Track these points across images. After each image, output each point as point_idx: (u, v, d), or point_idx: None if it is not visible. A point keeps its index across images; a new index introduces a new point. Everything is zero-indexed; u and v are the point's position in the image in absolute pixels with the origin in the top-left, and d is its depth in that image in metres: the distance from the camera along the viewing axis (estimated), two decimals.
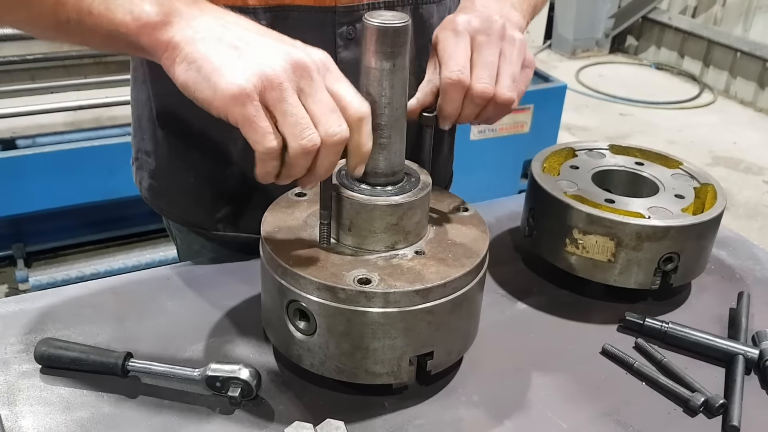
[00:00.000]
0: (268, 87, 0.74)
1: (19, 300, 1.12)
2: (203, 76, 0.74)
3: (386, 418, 0.92)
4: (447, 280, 0.87)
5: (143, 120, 1.25)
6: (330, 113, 0.77)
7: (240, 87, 0.73)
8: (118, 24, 0.77)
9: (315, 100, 0.77)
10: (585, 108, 5.81)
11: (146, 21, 0.76)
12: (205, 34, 0.76)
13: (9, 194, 2.78)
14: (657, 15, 6.89)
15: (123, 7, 0.77)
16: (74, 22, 0.79)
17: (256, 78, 0.73)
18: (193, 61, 0.75)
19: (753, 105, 6.10)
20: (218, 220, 1.25)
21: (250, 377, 0.90)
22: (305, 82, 0.76)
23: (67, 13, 0.79)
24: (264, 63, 0.74)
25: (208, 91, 0.74)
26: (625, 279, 1.11)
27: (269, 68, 0.74)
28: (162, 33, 0.76)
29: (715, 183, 1.20)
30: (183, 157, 1.21)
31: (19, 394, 0.93)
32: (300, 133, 0.75)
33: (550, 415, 0.94)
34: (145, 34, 0.77)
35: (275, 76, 0.74)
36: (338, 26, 1.09)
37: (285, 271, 0.87)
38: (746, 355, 1.03)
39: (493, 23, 0.97)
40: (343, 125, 0.78)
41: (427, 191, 0.93)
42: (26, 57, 3.16)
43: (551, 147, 1.28)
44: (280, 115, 0.75)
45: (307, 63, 0.76)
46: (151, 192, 1.30)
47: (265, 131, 0.74)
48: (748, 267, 1.31)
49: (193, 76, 0.75)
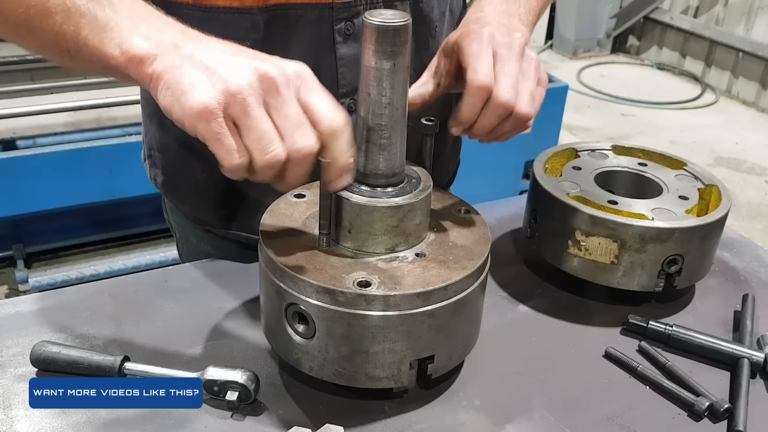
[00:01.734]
0: (231, 102, 0.75)
1: (16, 302, 1.11)
2: (175, 98, 0.77)
3: (386, 422, 0.91)
4: (448, 283, 0.85)
5: (153, 119, 1.26)
6: (296, 127, 0.77)
7: (203, 104, 0.74)
8: (108, 57, 0.81)
9: (281, 113, 0.77)
10: (586, 108, 5.80)
11: (133, 55, 0.79)
12: (182, 61, 0.78)
13: (9, 195, 2.79)
14: (659, 15, 6.88)
15: (114, 41, 0.80)
16: (73, 52, 0.83)
17: (220, 94, 0.75)
18: (169, 86, 0.77)
19: (755, 105, 6.09)
20: (224, 218, 1.26)
21: (248, 381, 0.89)
22: (271, 95, 0.77)
23: (66, 43, 0.83)
24: (229, 79, 0.75)
25: (179, 111, 0.76)
26: (629, 281, 1.10)
27: (233, 84, 0.75)
28: (147, 66, 0.79)
29: (719, 184, 1.19)
30: (189, 156, 1.22)
31: (15, 397, 0.92)
32: (264, 148, 0.76)
33: (553, 419, 0.93)
34: (132, 67, 0.80)
35: (238, 91, 0.75)
36: (336, 22, 1.09)
37: (283, 274, 0.86)
38: (751, 359, 1.01)
39: (514, 40, 0.98)
40: (310, 139, 0.77)
41: (427, 193, 0.91)
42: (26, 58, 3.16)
43: (554, 147, 1.27)
44: (245, 130, 0.76)
45: (273, 76, 0.77)
46: (165, 188, 1.32)
47: (230, 148, 0.75)
48: (753, 269, 1.29)
49: (168, 101, 0.77)
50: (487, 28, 0.99)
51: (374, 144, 0.88)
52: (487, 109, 0.95)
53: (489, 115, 0.96)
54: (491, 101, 0.95)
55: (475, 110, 0.96)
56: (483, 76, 0.94)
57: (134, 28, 0.80)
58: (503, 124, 0.97)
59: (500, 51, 0.96)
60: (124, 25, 0.80)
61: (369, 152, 0.89)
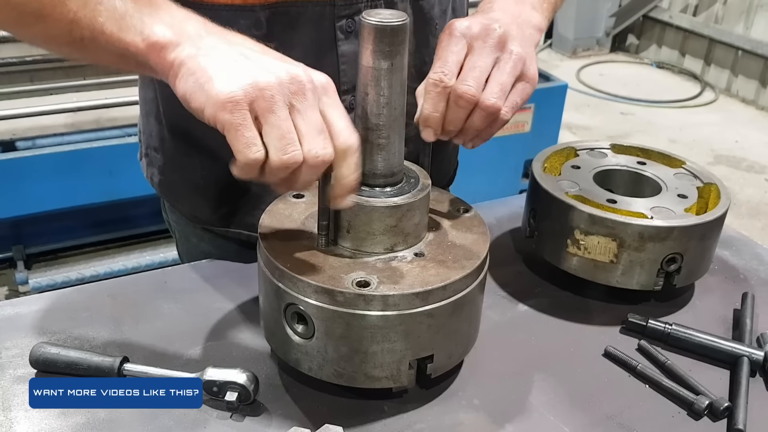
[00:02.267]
0: (259, 97, 0.74)
1: (16, 303, 1.11)
2: (199, 85, 0.76)
3: (386, 422, 0.91)
4: (447, 283, 0.85)
5: (151, 117, 1.26)
6: (317, 133, 0.77)
7: (230, 93, 0.74)
8: (128, 44, 0.80)
9: (305, 117, 0.77)
10: (586, 107, 5.80)
11: (155, 41, 0.79)
12: (208, 50, 0.78)
13: (9, 196, 2.78)
14: (658, 13, 6.87)
15: (135, 28, 0.79)
16: (88, 41, 0.82)
17: (249, 87, 0.74)
18: (192, 73, 0.77)
19: (755, 103, 6.08)
20: (222, 217, 1.25)
21: (247, 382, 0.89)
22: (298, 98, 0.77)
23: (81, 31, 0.81)
24: (259, 74, 0.75)
25: (202, 98, 0.76)
26: (628, 280, 1.10)
27: (263, 79, 0.75)
28: (169, 53, 0.78)
29: (718, 182, 1.19)
30: (189, 154, 1.22)
31: (14, 399, 0.92)
32: (284, 147, 0.75)
33: (552, 418, 0.93)
34: (153, 53, 0.79)
35: (267, 87, 0.75)
36: (337, 20, 1.09)
37: (282, 274, 0.86)
38: (751, 357, 1.01)
39: (491, 31, 0.95)
40: (328, 148, 0.78)
41: (426, 192, 0.91)
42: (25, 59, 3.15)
43: (552, 147, 1.27)
44: (267, 127, 0.76)
45: (303, 80, 0.77)
46: (162, 187, 1.31)
47: (249, 141, 0.75)
48: (752, 267, 1.29)
49: (191, 86, 0.77)
50: (467, 19, 0.97)
51: (372, 144, 0.88)
52: (450, 103, 0.93)
53: (453, 109, 0.94)
54: (451, 95, 0.93)
55: (436, 108, 0.93)
56: (437, 74, 0.92)
57: (156, 16, 0.80)
58: (471, 118, 0.94)
59: (474, 44, 0.95)
60: (145, 13, 0.80)
61: (367, 152, 0.89)
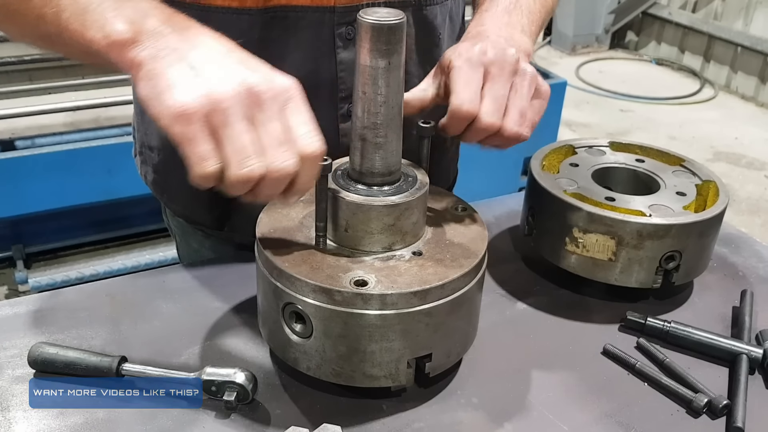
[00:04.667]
0: (214, 110, 0.72)
1: (14, 303, 1.11)
2: (156, 92, 0.74)
3: (384, 421, 0.91)
4: (445, 281, 0.85)
5: (145, 115, 1.25)
6: (278, 145, 0.75)
7: (183, 106, 0.72)
8: (89, 41, 0.78)
9: (264, 129, 0.75)
10: (585, 104, 5.79)
11: (115, 39, 0.76)
12: (168, 53, 0.75)
13: (8, 195, 2.78)
14: (657, 10, 6.87)
15: (96, 23, 0.77)
16: (55, 37, 0.81)
17: (203, 99, 0.72)
18: (150, 78, 0.74)
19: (754, 100, 6.08)
20: (217, 218, 1.25)
21: (245, 381, 0.89)
22: (256, 109, 0.74)
23: (47, 27, 0.80)
24: (215, 85, 0.73)
25: (157, 106, 0.73)
26: (627, 278, 1.10)
27: (218, 91, 0.73)
28: (129, 51, 0.76)
29: (717, 180, 1.19)
30: None
31: (13, 399, 0.92)
32: (240, 162, 0.73)
33: (551, 417, 0.93)
34: (114, 51, 0.77)
35: (222, 100, 0.72)
36: (337, 26, 1.07)
37: (280, 273, 0.86)
38: (750, 355, 1.01)
39: (507, 57, 0.95)
40: (290, 160, 0.75)
41: (424, 191, 0.91)
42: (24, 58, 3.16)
43: (551, 144, 1.27)
44: (223, 140, 0.73)
45: (261, 89, 0.74)
46: (156, 185, 1.31)
47: (202, 156, 0.73)
48: (752, 264, 1.29)
49: (148, 92, 0.75)
50: (481, 44, 0.96)
51: (370, 142, 0.88)
52: (471, 130, 0.94)
53: (473, 134, 0.95)
54: (474, 124, 0.93)
55: (458, 131, 0.95)
56: (465, 104, 0.92)
57: (119, 10, 0.77)
58: (490, 139, 0.96)
59: (491, 69, 0.94)
60: (107, 7, 0.77)
61: (365, 151, 0.88)
